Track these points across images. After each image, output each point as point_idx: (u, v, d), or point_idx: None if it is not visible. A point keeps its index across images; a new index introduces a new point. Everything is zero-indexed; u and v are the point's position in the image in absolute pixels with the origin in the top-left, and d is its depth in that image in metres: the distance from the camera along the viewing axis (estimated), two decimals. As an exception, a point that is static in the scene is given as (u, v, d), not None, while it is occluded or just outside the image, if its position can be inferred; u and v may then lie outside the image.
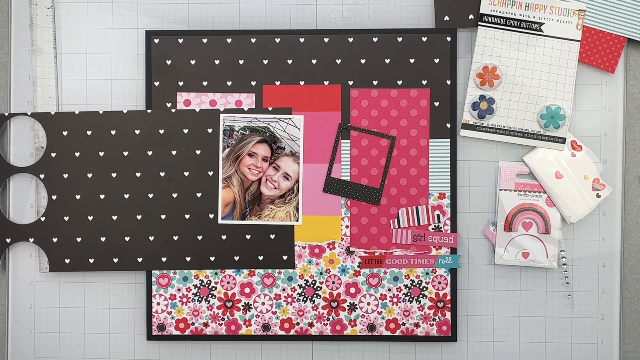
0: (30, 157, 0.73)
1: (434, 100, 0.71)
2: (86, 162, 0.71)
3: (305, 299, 0.72)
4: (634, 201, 0.72)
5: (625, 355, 0.72)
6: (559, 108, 0.70)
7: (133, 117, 0.71)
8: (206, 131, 0.71)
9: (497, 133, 0.71)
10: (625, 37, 0.70)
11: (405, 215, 0.71)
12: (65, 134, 0.71)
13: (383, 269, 0.72)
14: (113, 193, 0.71)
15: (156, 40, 0.71)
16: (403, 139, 0.71)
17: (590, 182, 0.71)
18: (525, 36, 0.70)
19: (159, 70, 0.71)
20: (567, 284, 0.72)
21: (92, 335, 0.74)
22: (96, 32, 0.73)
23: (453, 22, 0.71)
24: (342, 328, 0.72)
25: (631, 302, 0.72)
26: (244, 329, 0.72)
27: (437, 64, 0.71)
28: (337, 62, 0.71)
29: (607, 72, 0.71)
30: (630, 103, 0.72)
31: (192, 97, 0.72)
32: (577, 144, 0.71)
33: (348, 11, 0.72)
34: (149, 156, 0.71)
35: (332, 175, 0.71)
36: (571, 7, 0.70)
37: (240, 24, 0.72)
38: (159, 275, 0.72)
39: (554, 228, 0.71)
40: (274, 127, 0.71)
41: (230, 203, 0.71)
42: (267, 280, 0.72)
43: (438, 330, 0.72)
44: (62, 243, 0.72)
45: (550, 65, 0.70)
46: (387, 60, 0.71)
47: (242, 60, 0.71)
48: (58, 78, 0.73)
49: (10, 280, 0.74)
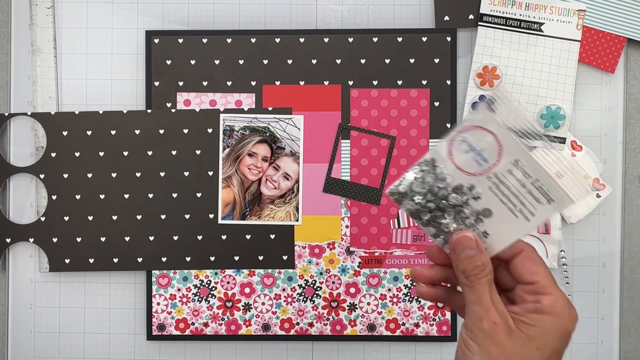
0: (30, 157, 0.73)
1: (434, 100, 0.71)
2: (86, 162, 0.71)
3: (305, 299, 0.72)
4: (634, 201, 0.72)
5: (625, 355, 0.72)
6: (559, 108, 0.70)
7: (133, 117, 0.71)
8: (206, 131, 0.71)
9: (497, 133, 0.71)
10: (625, 37, 0.70)
11: (405, 215, 0.71)
12: (65, 134, 0.71)
13: (383, 269, 0.72)
14: (113, 193, 0.71)
15: (156, 40, 0.71)
16: (403, 139, 0.71)
17: (591, 182, 0.71)
18: (525, 36, 0.70)
19: (159, 70, 0.71)
20: (567, 284, 0.72)
21: (92, 335, 0.74)
22: (96, 32, 0.73)
23: (453, 22, 0.71)
24: (342, 328, 0.72)
25: (631, 302, 0.72)
26: (244, 329, 0.72)
27: (437, 64, 0.71)
28: (337, 62, 0.71)
29: (607, 72, 0.71)
30: (630, 103, 0.72)
31: (192, 97, 0.72)
32: (577, 144, 0.71)
33: (348, 11, 0.72)
34: (149, 156, 0.71)
35: (332, 175, 0.71)
36: (571, 7, 0.70)
37: (240, 24, 0.72)
38: (159, 275, 0.72)
39: (554, 228, 0.71)
40: (274, 127, 0.71)
41: (230, 203, 0.71)
42: (267, 280, 0.72)
43: (438, 330, 0.72)
44: (62, 243, 0.72)
45: (550, 65, 0.70)
46: (387, 60, 0.71)
47: (242, 60, 0.71)
48: (58, 78, 0.73)
49: (10, 280, 0.74)
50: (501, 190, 0.43)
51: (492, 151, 0.42)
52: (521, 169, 0.42)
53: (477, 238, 0.43)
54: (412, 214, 0.44)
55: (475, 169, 0.43)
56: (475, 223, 0.43)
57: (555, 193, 0.42)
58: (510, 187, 0.43)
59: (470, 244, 0.43)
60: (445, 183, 0.43)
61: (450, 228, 0.44)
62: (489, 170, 0.43)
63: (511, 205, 0.43)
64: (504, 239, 0.43)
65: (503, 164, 0.42)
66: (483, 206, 0.43)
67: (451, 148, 0.43)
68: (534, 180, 0.42)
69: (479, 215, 0.43)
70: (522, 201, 0.43)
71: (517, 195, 0.42)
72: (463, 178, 0.43)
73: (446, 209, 0.44)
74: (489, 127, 0.42)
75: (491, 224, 0.43)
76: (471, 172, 0.43)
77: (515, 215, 0.43)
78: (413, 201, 0.44)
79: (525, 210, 0.43)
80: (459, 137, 0.43)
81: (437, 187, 0.43)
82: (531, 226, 0.43)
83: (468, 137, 0.43)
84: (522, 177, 0.42)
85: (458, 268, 0.43)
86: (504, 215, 0.43)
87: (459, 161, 0.43)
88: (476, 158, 0.43)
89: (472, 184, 0.43)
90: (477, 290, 0.42)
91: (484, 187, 0.43)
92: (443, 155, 0.43)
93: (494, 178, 0.43)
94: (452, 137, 0.43)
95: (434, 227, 0.44)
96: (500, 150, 0.42)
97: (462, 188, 0.43)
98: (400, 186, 0.44)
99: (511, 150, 0.42)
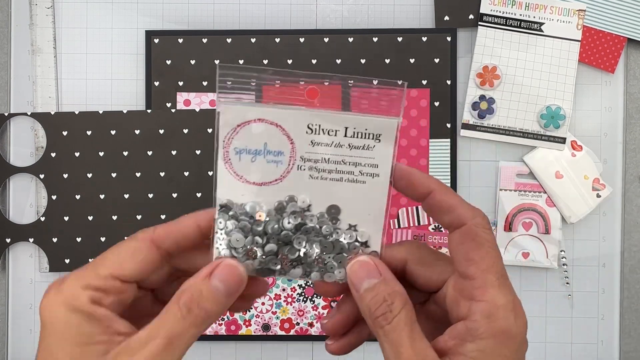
0: (30, 157, 0.73)
1: (434, 100, 0.71)
2: (86, 162, 0.71)
3: (306, 299, 0.72)
4: (634, 201, 0.72)
5: (625, 355, 0.72)
6: (559, 108, 0.70)
7: (133, 117, 0.71)
8: (206, 131, 0.71)
9: (497, 133, 0.71)
10: (625, 37, 0.70)
11: (405, 215, 0.71)
12: (65, 134, 0.71)
13: (383, 269, 0.72)
14: (113, 193, 0.71)
15: (156, 40, 0.71)
16: (403, 139, 0.71)
17: (591, 182, 0.71)
18: (526, 36, 0.70)
19: (159, 70, 0.71)
20: (567, 284, 0.72)
21: (92, 335, 0.74)
22: (96, 32, 0.73)
23: (453, 22, 0.71)
24: (342, 328, 0.72)
25: (631, 302, 0.72)
26: (244, 329, 0.72)
27: (437, 64, 0.71)
28: (337, 62, 0.71)
29: (607, 72, 0.71)
30: (630, 103, 0.72)
31: (192, 97, 0.72)
32: (577, 144, 0.71)
33: (348, 11, 0.72)
34: (149, 156, 0.71)
35: (332, 175, 0.71)
36: (571, 7, 0.70)
37: (240, 24, 0.72)
38: (159, 275, 0.72)
39: (554, 228, 0.71)
40: (274, 127, 0.71)
41: (230, 203, 0.71)
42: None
43: (438, 330, 0.72)
44: (62, 243, 0.72)
45: (550, 65, 0.70)
46: (387, 60, 0.71)
47: (242, 60, 0.71)
48: (58, 78, 0.73)
49: (10, 280, 0.74)
50: (323, 169, 0.32)
51: (278, 138, 0.32)
52: (321, 130, 0.32)
53: (375, 261, 0.32)
54: (262, 273, 0.33)
55: (279, 171, 0.32)
56: (333, 229, 0.33)
57: (374, 125, 0.32)
58: (328, 158, 0.32)
59: (368, 272, 0.32)
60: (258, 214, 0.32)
61: (312, 256, 0.33)
62: (294, 162, 0.32)
63: (348, 175, 0.32)
64: (372, 219, 0.33)
65: (299, 141, 0.32)
66: (324, 204, 0.33)
67: (231, 170, 0.32)
68: (344, 130, 0.32)
69: (331, 217, 0.33)
70: (354, 162, 0.32)
71: (343, 159, 0.32)
72: (274, 194, 0.32)
73: (290, 239, 0.33)
74: (248, 117, 0.32)
75: (348, 214, 0.33)
76: (277, 177, 0.32)
77: (361, 182, 0.32)
78: (251, 259, 0.33)
79: (365, 169, 0.32)
80: (231, 153, 0.32)
81: (256, 226, 0.32)
82: (384, 182, 0.32)
83: (237, 143, 0.32)
84: (328, 136, 0.32)
85: (363, 311, 0.32)
86: (350, 193, 0.32)
87: (254, 177, 0.32)
88: (268, 159, 0.32)
89: (290, 195, 0.32)
90: (391, 339, 0.30)
91: (304, 182, 0.32)
92: (231, 187, 0.32)
93: (304, 163, 0.32)
94: (224, 158, 0.32)
95: (292, 266, 0.34)
96: (283, 130, 0.32)
97: (283, 206, 0.32)
98: (221, 252, 0.33)
99: (293, 121, 0.32)
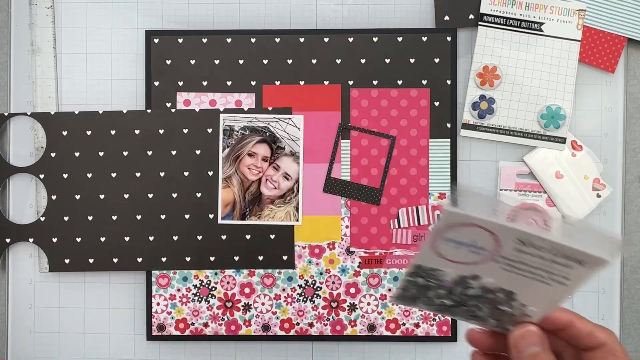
0: (30, 157, 0.73)
1: (434, 100, 0.71)
2: (86, 162, 0.71)
3: (305, 299, 0.72)
4: (634, 201, 0.72)
5: (625, 355, 0.72)
6: (559, 108, 0.70)
7: (133, 117, 0.71)
8: (206, 131, 0.71)
9: (497, 133, 0.71)
10: (625, 36, 0.70)
11: (405, 215, 0.71)
12: (65, 134, 0.71)
13: (383, 269, 0.72)
14: (113, 193, 0.71)
15: (156, 40, 0.71)
16: (403, 139, 0.71)
17: (591, 182, 0.71)
18: (526, 36, 0.70)
19: (159, 70, 0.71)
20: (568, 284, 0.72)
21: (92, 335, 0.74)
22: (96, 32, 0.73)
23: (453, 22, 0.71)
24: (342, 328, 0.72)
25: (631, 302, 0.72)
26: (244, 329, 0.72)
27: (437, 64, 0.71)
28: (337, 62, 0.71)
29: (607, 72, 0.71)
30: (631, 103, 0.72)
31: (192, 97, 0.72)
32: (577, 144, 0.71)
33: (348, 11, 0.72)
34: (149, 156, 0.71)
35: (332, 175, 0.71)
36: (571, 7, 0.70)
37: (240, 24, 0.72)
38: (158, 275, 0.72)
39: (554, 228, 0.71)
40: (273, 127, 0.71)
41: (230, 203, 0.71)
42: (267, 280, 0.72)
43: (438, 330, 0.72)
44: (61, 243, 0.72)
45: (550, 65, 0.70)
46: (387, 60, 0.71)
47: (242, 60, 0.71)
48: (58, 78, 0.73)
49: (10, 280, 0.74)
50: (518, 268, 0.37)
51: (486, 239, 0.36)
52: (531, 244, 0.36)
53: (542, 333, 0.39)
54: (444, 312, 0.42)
55: (474, 258, 0.37)
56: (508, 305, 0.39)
57: (582, 256, 0.36)
58: (527, 262, 0.37)
59: (533, 340, 0.39)
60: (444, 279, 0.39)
61: (489, 321, 0.41)
62: (492, 257, 0.37)
63: (538, 277, 0.37)
64: (544, 307, 0.39)
65: (506, 247, 0.36)
66: (506, 287, 0.39)
67: (436, 250, 0.37)
68: (552, 250, 0.36)
69: (508, 297, 0.39)
70: (548, 270, 0.37)
71: (540, 266, 0.37)
72: (463, 269, 0.38)
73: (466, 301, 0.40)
74: (469, 221, 0.36)
75: (524, 297, 0.39)
76: (471, 261, 0.37)
77: (547, 284, 0.38)
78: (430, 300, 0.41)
79: (557, 277, 0.37)
80: (440, 239, 0.36)
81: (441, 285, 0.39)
82: (569, 290, 0.38)
83: (449, 236, 0.36)
84: (536, 250, 0.36)
85: None
86: (533, 287, 0.38)
87: (452, 256, 0.37)
88: (470, 249, 0.37)
89: (475, 274, 0.38)
90: None
91: (494, 270, 0.38)
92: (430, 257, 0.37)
93: (502, 260, 0.37)
94: (432, 241, 0.37)
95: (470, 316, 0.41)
96: (496, 237, 0.36)
97: (466, 279, 0.38)
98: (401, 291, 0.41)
99: (507, 233, 0.35)
